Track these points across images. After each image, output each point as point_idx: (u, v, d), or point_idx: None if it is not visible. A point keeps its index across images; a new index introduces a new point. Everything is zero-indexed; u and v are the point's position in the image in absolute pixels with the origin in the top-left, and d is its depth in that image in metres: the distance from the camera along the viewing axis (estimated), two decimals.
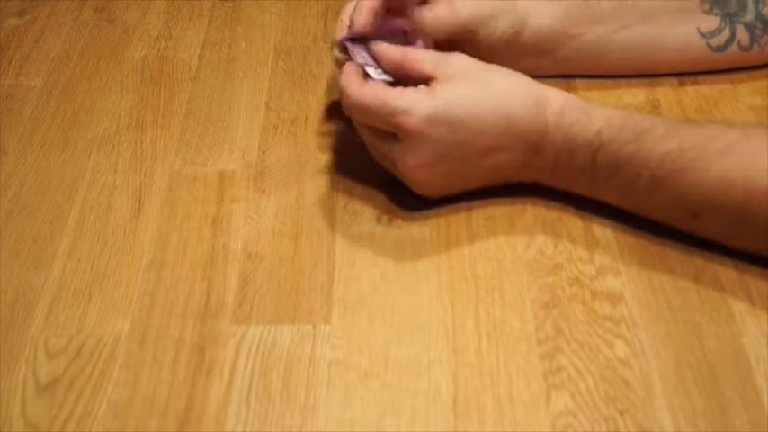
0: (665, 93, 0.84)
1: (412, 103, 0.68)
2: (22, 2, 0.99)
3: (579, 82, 0.85)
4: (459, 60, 0.71)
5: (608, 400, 0.61)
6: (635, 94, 0.84)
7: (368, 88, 0.70)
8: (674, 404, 0.60)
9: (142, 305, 0.67)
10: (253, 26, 0.95)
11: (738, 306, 0.66)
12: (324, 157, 0.79)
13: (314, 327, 0.66)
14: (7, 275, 0.70)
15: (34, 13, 0.97)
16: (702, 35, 0.82)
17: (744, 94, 0.84)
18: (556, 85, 0.84)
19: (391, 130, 0.70)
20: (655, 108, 0.82)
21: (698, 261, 0.68)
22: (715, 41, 0.82)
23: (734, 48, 0.83)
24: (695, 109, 0.82)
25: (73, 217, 0.74)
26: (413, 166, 0.70)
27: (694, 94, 0.84)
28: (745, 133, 0.67)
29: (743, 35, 0.83)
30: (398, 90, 0.70)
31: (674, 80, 0.85)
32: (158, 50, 0.92)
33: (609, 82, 0.86)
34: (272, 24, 0.95)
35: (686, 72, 0.85)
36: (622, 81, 0.86)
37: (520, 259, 0.70)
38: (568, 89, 0.84)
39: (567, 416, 0.60)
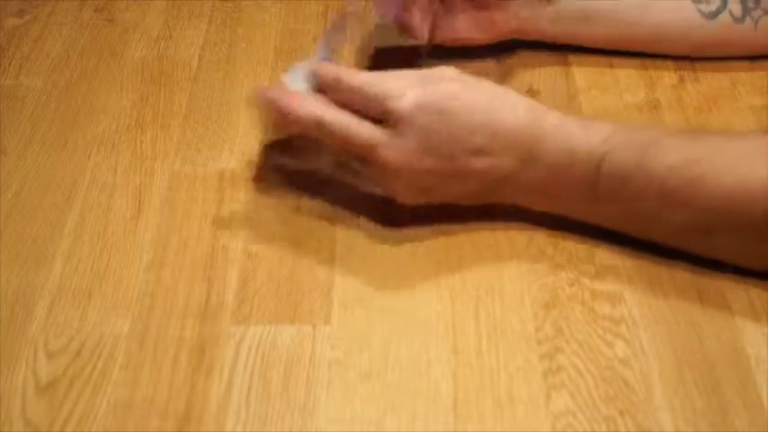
0: (664, 92, 0.84)
1: (406, 89, 0.67)
2: (22, 2, 0.99)
3: (579, 82, 0.85)
4: (448, 71, 0.70)
5: (608, 400, 0.61)
6: (635, 93, 0.84)
7: (358, 73, 0.69)
8: (674, 404, 0.60)
9: (142, 305, 0.67)
10: (253, 26, 0.95)
11: (738, 306, 0.66)
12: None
13: (314, 327, 0.66)
14: (7, 275, 0.70)
15: (34, 13, 0.97)
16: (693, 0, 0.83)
17: (744, 93, 0.84)
18: (553, 80, 0.85)
19: (379, 116, 0.68)
20: (655, 107, 0.83)
21: (698, 261, 0.68)
22: (706, 7, 0.83)
23: (726, 17, 0.83)
24: (695, 108, 0.82)
25: (73, 217, 0.74)
26: (395, 152, 0.67)
27: (694, 93, 0.84)
28: (748, 143, 0.65)
29: (735, 6, 0.83)
30: (392, 75, 0.68)
31: (675, 78, 0.85)
32: (158, 50, 0.92)
33: (609, 81, 0.86)
34: (272, 24, 0.95)
35: (684, 54, 0.86)
36: (622, 80, 0.86)
37: (520, 259, 0.70)
38: (568, 88, 0.85)
39: (567, 416, 0.60)
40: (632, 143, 0.66)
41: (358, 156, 0.69)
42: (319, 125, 0.68)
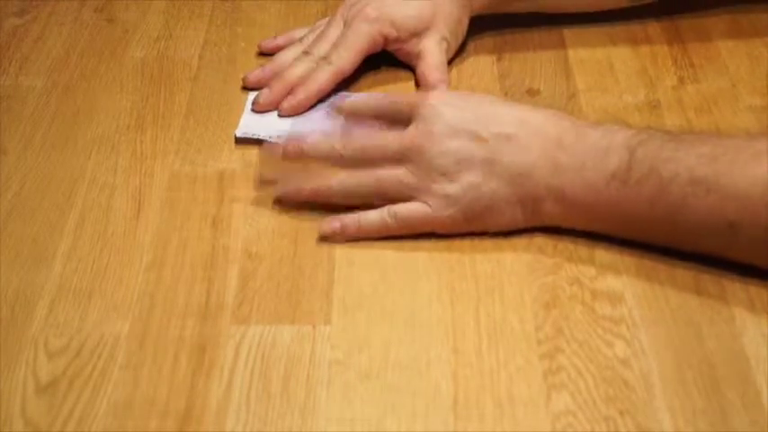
0: (664, 92, 0.84)
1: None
2: (22, 2, 0.99)
3: (579, 82, 0.85)
4: None
5: (608, 400, 0.61)
6: (635, 93, 0.84)
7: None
8: (674, 404, 0.60)
9: (142, 305, 0.67)
10: (253, 26, 0.95)
11: (738, 306, 0.66)
12: None
13: (314, 327, 0.66)
14: (7, 275, 0.70)
15: (34, 13, 0.97)
16: None
17: (743, 93, 0.84)
18: (553, 80, 0.85)
19: (407, 117, 0.72)
20: (655, 108, 0.83)
21: (698, 261, 0.68)
22: None
23: None
24: (695, 109, 0.82)
25: (73, 217, 0.74)
26: (428, 134, 0.70)
27: (694, 93, 0.84)
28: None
29: None
30: None
31: (675, 79, 0.85)
32: (158, 50, 0.92)
33: (609, 81, 0.86)
34: (272, 24, 0.95)
35: None
36: (622, 80, 0.86)
37: (520, 259, 0.70)
38: (568, 88, 0.85)
39: (567, 416, 0.60)
40: (662, 135, 0.68)
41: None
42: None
